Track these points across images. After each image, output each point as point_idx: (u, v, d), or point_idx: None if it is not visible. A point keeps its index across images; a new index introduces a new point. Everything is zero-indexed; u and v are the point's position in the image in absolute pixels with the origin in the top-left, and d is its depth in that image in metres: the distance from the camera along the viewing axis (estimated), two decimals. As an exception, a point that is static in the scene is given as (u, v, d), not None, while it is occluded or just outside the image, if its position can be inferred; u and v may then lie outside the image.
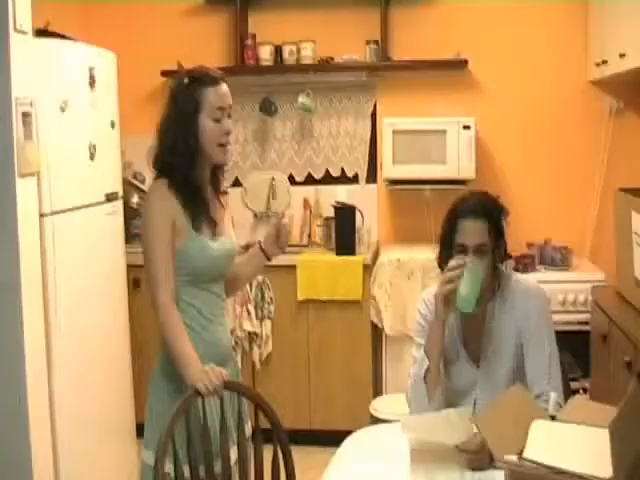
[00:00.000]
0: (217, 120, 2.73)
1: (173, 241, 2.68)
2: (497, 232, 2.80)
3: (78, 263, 3.92)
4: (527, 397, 2.43)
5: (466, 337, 2.89)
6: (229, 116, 2.77)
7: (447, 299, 2.71)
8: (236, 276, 2.98)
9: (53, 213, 3.71)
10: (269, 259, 3.00)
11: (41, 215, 3.61)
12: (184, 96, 2.71)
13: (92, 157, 4.09)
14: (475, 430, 2.37)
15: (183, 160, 2.71)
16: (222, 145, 2.76)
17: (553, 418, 2.25)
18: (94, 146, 4.10)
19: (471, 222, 2.77)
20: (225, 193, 2.95)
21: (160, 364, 2.76)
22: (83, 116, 4.03)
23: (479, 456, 2.36)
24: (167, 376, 2.69)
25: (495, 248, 2.80)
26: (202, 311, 2.76)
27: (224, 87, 2.76)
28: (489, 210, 2.81)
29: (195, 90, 2.70)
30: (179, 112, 2.71)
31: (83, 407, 3.93)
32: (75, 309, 3.87)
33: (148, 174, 5.21)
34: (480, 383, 2.84)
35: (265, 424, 2.68)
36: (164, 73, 5.32)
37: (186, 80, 2.73)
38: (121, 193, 4.51)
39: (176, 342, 2.61)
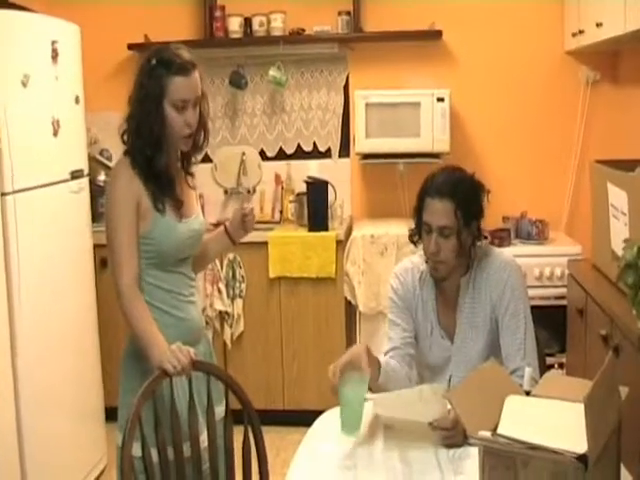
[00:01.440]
0: (180, 110, 2.67)
1: (137, 223, 2.66)
2: (465, 212, 2.74)
3: (43, 243, 3.87)
4: (501, 372, 2.42)
5: (440, 312, 2.90)
6: (195, 105, 2.72)
7: None
8: (204, 254, 2.98)
9: (15, 192, 3.65)
10: (234, 243, 3.02)
11: (3, 194, 3.56)
12: (150, 79, 2.65)
13: (56, 133, 4.04)
14: (448, 406, 2.37)
15: (146, 143, 2.67)
16: (185, 136, 2.73)
17: (528, 393, 2.25)
18: (57, 122, 4.04)
19: (436, 202, 2.74)
20: (192, 175, 2.92)
21: (129, 344, 2.74)
22: (46, 91, 3.96)
23: (453, 433, 2.37)
24: (137, 356, 2.67)
25: (464, 227, 2.75)
26: (171, 292, 2.76)
27: (192, 77, 2.68)
28: (457, 189, 2.75)
29: (162, 76, 2.63)
30: (145, 95, 2.66)
31: (49, 390, 3.90)
32: (40, 290, 3.83)
33: (115, 151, 5.17)
34: (454, 359, 2.85)
35: (237, 405, 2.67)
36: (131, 46, 5.26)
37: (153, 62, 2.66)
38: (87, 170, 4.45)
39: (140, 324, 2.59)
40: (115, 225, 2.65)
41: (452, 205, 2.72)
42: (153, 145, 2.67)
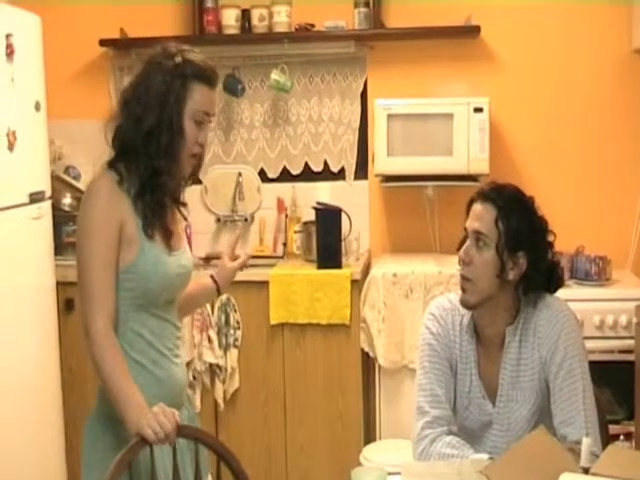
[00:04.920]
0: (198, 124, 2.73)
1: (117, 253, 2.65)
2: (510, 228, 2.77)
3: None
4: (553, 444, 2.41)
5: (482, 368, 2.89)
6: (209, 125, 2.80)
7: None
8: (187, 303, 3.01)
9: (-37, 217, 3.68)
10: (219, 293, 3.14)
11: (-52, 220, 3.59)
12: (173, 79, 2.68)
13: (11, 147, 4.06)
14: (489, 485, 2.36)
15: (157, 154, 2.68)
16: (193, 156, 2.77)
17: (586, 471, 2.24)
18: (14, 133, 4.07)
19: (478, 204, 2.83)
20: (184, 205, 2.94)
21: (98, 404, 2.73)
22: (-1, 96, 4.01)
23: (494, 517, 2.36)
24: (105, 419, 2.66)
25: (505, 249, 2.77)
26: (153, 343, 2.75)
27: (216, 91, 2.80)
28: (502, 195, 2.82)
29: (187, 78, 2.70)
30: (164, 95, 2.68)
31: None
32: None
33: (84, 168, 5.19)
34: (496, 425, 2.84)
35: (229, 478, 2.67)
36: (103, 42, 5.26)
37: (179, 59, 2.71)
38: (49, 192, 4.47)
39: (114, 377, 2.57)
40: (89, 253, 2.63)
41: (493, 211, 2.78)
42: (164, 158, 2.69)
